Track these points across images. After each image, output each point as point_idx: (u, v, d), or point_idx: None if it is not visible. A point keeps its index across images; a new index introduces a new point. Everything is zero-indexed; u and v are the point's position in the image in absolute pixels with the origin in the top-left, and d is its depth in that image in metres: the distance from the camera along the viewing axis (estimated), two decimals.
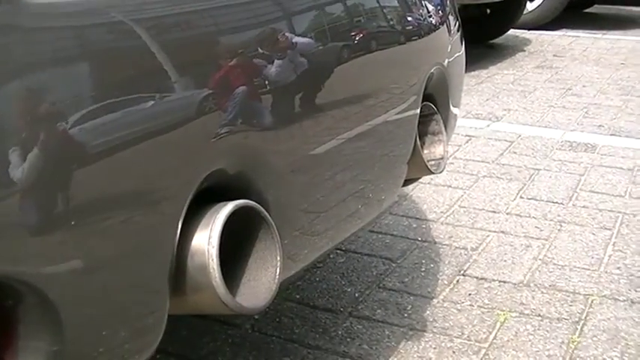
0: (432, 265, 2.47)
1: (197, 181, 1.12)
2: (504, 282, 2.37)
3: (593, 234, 2.71)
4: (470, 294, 2.30)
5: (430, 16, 1.91)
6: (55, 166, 0.91)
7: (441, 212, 2.89)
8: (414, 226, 2.77)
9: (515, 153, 3.60)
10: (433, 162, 1.92)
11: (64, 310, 0.95)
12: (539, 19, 7.05)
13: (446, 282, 2.37)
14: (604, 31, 7.21)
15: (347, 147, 1.54)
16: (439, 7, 2.00)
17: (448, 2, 2.09)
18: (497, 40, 6.49)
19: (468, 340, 2.06)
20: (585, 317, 2.17)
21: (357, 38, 1.55)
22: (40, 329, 0.95)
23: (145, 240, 1.06)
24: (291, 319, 2.15)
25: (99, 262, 1.00)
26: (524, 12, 6.50)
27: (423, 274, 2.42)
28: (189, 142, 1.11)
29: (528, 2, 6.68)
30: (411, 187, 3.11)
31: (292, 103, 1.35)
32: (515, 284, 2.35)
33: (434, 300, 2.26)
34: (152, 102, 1.04)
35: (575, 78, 5.23)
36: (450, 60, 2.03)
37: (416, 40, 1.81)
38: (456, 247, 2.60)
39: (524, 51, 6.21)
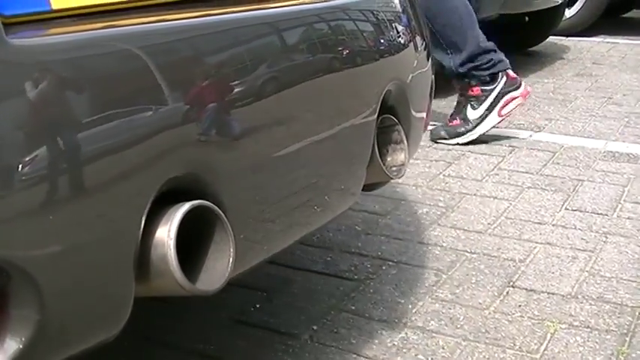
0: (481, 277, 2.54)
1: (157, 186, 1.35)
2: (553, 294, 2.43)
3: (639, 246, 2.77)
4: (520, 305, 2.37)
5: (389, 39, 2.10)
6: (43, 170, 1.17)
7: (488, 224, 2.96)
8: (462, 237, 2.84)
9: (558, 164, 3.66)
10: (395, 168, 2.12)
11: (45, 288, 1.20)
12: (577, 26, 7.09)
13: (496, 293, 2.44)
14: None
15: (302, 154, 1.76)
16: (402, 29, 2.18)
17: (414, 24, 2.26)
18: (535, 48, 6.53)
19: (520, 352, 2.13)
20: (633, 329, 2.23)
21: (317, 57, 1.79)
22: (27, 302, 1.19)
23: (112, 232, 1.31)
24: (348, 330, 2.23)
25: (74, 249, 1.24)
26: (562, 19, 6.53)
27: (473, 285, 2.49)
28: (149, 152, 1.34)
29: (566, 9, 6.71)
30: (457, 198, 3.20)
31: (247, 114, 1.58)
32: (563, 296, 2.42)
33: (485, 311, 2.33)
34: (121, 119, 1.30)
35: (615, 86, 5.28)
36: (414, 75, 2.22)
37: (371, 60, 2.01)
38: (504, 259, 2.67)
39: (563, 59, 6.26)
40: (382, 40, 2.07)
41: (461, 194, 3.26)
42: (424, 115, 2.37)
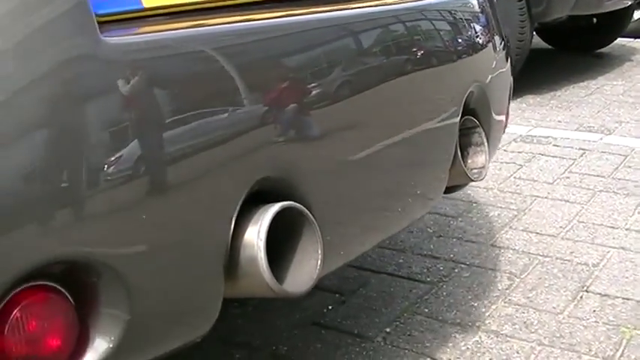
0: (554, 281, 2.53)
1: (248, 186, 1.37)
2: (628, 299, 2.41)
3: None
4: (594, 310, 2.34)
5: (471, 40, 2.10)
6: (136, 168, 1.18)
7: (561, 227, 2.94)
8: (535, 240, 2.82)
9: (630, 167, 3.61)
10: (475, 170, 2.13)
11: (135, 287, 1.21)
12: None
13: (570, 298, 2.42)
14: None
15: (386, 156, 1.77)
16: (482, 30, 2.17)
17: (493, 24, 2.25)
18: (604, 50, 6.46)
19: (596, 357, 2.11)
20: None
21: (401, 58, 1.80)
22: (117, 301, 1.21)
23: (202, 232, 1.31)
24: (422, 332, 2.23)
25: (165, 248, 1.25)
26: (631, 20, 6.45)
27: (546, 289, 2.47)
28: (240, 153, 1.35)
29: (635, 10, 6.61)
30: (528, 201, 3.18)
31: (336, 117, 1.59)
32: (638, 301, 2.39)
33: (559, 316, 2.32)
34: (212, 118, 1.31)
35: None
36: (494, 76, 2.21)
37: (455, 61, 2.01)
38: (578, 263, 2.65)
39: (632, 60, 6.18)
40: (464, 41, 2.06)
41: (532, 197, 3.24)
42: (503, 117, 2.37)
